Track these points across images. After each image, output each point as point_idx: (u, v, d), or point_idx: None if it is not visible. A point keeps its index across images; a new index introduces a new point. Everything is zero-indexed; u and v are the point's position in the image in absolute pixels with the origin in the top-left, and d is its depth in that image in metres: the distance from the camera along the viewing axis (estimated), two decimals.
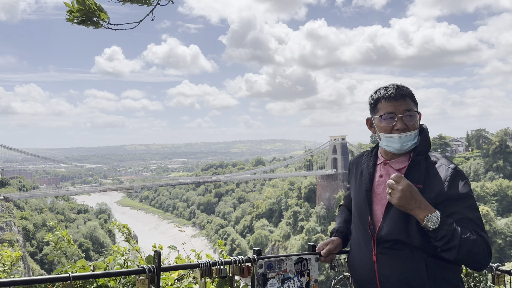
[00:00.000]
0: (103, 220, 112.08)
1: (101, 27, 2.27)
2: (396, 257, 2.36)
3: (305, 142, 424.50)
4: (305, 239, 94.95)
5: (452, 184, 2.31)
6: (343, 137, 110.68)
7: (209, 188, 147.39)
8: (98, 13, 2.21)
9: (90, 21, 2.22)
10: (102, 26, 2.26)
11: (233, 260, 2.56)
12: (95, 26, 2.25)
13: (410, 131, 2.44)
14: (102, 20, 2.24)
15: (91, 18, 2.21)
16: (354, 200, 2.67)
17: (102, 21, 2.24)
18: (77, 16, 2.16)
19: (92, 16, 2.20)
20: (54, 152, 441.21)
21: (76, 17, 2.17)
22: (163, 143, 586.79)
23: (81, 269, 2.74)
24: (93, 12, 2.18)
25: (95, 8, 2.19)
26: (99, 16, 2.21)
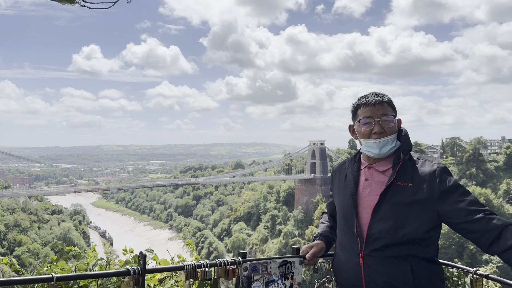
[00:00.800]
0: (77, 222, 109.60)
1: (76, 3, 2.23)
2: (383, 259, 2.41)
3: (284, 146, 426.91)
4: (282, 242, 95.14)
5: (443, 179, 2.43)
6: (322, 142, 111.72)
7: (188, 190, 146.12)
8: None
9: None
10: (77, 3, 2.22)
11: (218, 262, 2.56)
12: (70, 2, 2.21)
13: (387, 136, 2.56)
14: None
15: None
16: (339, 204, 2.71)
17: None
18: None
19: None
20: (29, 151, 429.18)
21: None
22: (141, 144, 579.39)
23: (61, 270, 2.68)
24: None
25: None
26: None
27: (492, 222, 2.27)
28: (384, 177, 2.55)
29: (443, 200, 2.39)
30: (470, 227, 2.32)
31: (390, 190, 2.46)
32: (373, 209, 2.47)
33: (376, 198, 2.49)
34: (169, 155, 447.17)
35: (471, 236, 2.35)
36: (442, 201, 2.39)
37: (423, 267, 2.40)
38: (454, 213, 2.37)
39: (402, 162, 2.52)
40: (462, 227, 2.36)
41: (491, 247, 2.27)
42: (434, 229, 2.46)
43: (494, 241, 2.25)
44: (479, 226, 2.29)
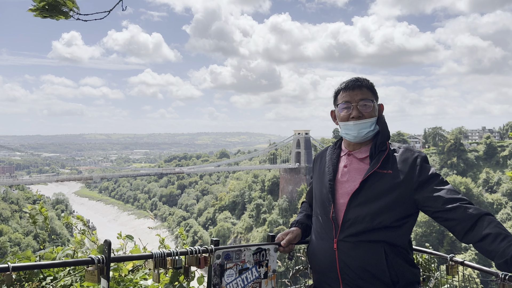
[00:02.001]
0: (60, 211, 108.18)
1: (70, 18, 2.12)
2: (357, 244, 2.39)
3: (269, 136, 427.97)
4: (267, 231, 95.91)
5: (422, 167, 2.42)
6: (307, 132, 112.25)
7: (172, 180, 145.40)
8: (64, 2, 2.07)
9: (57, 11, 2.07)
10: (71, 17, 2.11)
11: (189, 250, 2.47)
12: (64, 17, 2.10)
13: (365, 119, 2.52)
14: (71, 10, 2.10)
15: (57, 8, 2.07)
16: (317, 189, 2.68)
17: (71, 11, 2.10)
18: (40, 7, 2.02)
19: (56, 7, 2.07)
20: (9, 139, 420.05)
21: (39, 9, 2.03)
22: (124, 133, 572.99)
23: (25, 259, 2.57)
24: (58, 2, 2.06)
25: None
26: (66, 5, 2.08)
27: (468, 211, 2.25)
28: (363, 165, 2.53)
29: (421, 188, 2.38)
30: (446, 215, 2.31)
31: (370, 177, 2.43)
32: (351, 195, 2.44)
33: (354, 185, 2.46)
34: (153, 144, 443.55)
35: (447, 224, 2.34)
36: (420, 189, 2.38)
37: (397, 252, 2.38)
38: (431, 201, 2.35)
39: (379, 150, 2.50)
40: (439, 215, 2.34)
41: (465, 236, 2.25)
42: (411, 217, 2.45)
43: (469, 230, 2.24)
44: (455, 215, 2.27)
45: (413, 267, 2.45)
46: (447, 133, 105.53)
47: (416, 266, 2.50)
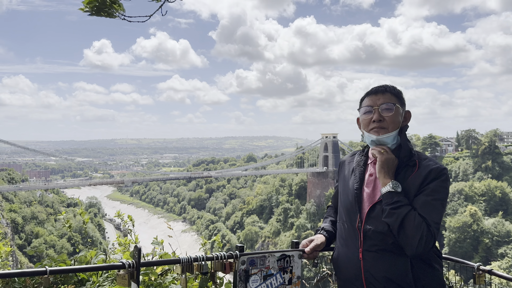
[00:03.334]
0: (93, 214, 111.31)
1: (116, 17, 2.31)
2: (383, 255, 2.39)
3: (296, 139, 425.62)
4: (295, 235, 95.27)
5: (432, 176, 2.38)
6: (335, 135, 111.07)
7: (200, 183, 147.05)
8: (110, 4, 2.25)
9: (104, 12, 2.27)
10: (117, 16, 2.30)
11: (215, 256, 2.55)
12: (110, 16, 2.29)
13: (388, 131, 2.51)
14: (117, 12, 2.29)
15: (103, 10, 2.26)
16: (343, 197, 2.68)
17: (117, 12, 2.29)
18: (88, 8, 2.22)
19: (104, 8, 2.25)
20: (44, 144, 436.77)
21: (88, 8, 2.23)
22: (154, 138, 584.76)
23: (61, 263, 2.71)
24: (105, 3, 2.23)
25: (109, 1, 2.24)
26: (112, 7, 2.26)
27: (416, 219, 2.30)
28: None
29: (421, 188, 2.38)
30: None
31: None
32: (373, 205, 2.44)
33: (379, 194, 2.46)
34: (182, 148, 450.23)
35: None
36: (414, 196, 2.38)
37: (423, 263, 2.37)
38: None
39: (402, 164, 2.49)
40: None
41: None
42: None
43: None
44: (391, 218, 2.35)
45: (439, 278, 2.42)
46: (481, 135, 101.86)
47: (443, 277, 2.47)
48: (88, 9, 2.22)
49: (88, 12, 2.24)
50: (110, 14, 2.25)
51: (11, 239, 72.48)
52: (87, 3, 2.21)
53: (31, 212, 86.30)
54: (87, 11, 2.22)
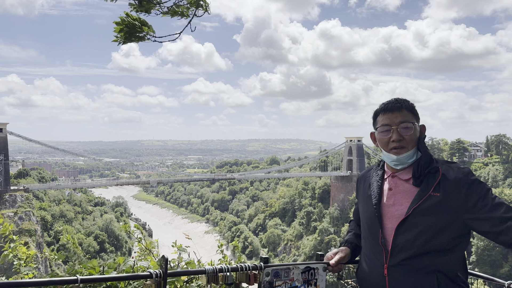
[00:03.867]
0: (119, 213, 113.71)
1: (148, 40, 2.40)
2: (408, 271, 2.36)
3: (320, 143, 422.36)
4: (317, 239, 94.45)
5: (471, 185, 2.33)
6: (359, 139, 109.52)
7: (224, 185, 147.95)
8: (141, 28, 2.34)
9: (135, 37, 2.36)
10: (148, 39, 2.39)
11: (240, 267, 2.57)
12: (141, 40, 2.39)
13: (408, 150, 2.49)
14: (147, 34, 2.37)
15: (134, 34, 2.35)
16: (363, 213, 2.67)
17: (148, 34, 2.37)
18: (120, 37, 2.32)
19: (134, 33, 2.34)
20: (73, 145, 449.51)
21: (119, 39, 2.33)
22: (179, 139, 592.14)
23: (91, 269, 2.79)
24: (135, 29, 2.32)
25: (138, 24, 2.33)
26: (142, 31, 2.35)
27: None
28: (408, 186, 2.49)
29: (472, 208, 2.31)
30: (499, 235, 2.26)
31: (415, 199, 2.39)
32: (400, 221, 2.41)
33: (401, 208, 2.44)
34: (206, 150, 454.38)
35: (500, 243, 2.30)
36: (471, 209, 2.31)
37: (450, 279, 2.33)
38: (483, 222, 2.30)
39: (422, 173, 2.45)
40: (492, 235, 2.30)
41: None
42: (463, 238, 2.40)
43: None
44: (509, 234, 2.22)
45: None
46: (511, 140, 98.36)
47: None
48: (121, 37, 2.29)
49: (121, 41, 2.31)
50: (141, 38, 2.33)
51: (40, 236, 74.88)
52: (119, 31, 2.29)
53: (60, 211, 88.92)
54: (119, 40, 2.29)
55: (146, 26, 2.37)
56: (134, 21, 2.33)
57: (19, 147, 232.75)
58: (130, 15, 2.35)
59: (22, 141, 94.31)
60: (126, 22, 2.32)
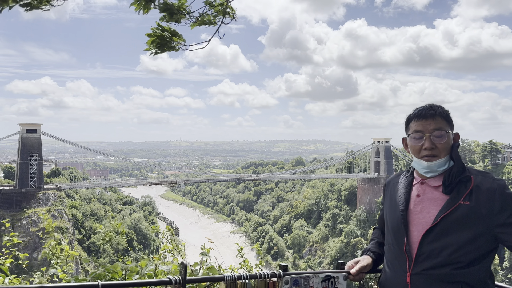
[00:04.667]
0: (147, 212, 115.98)
1: (179, 50, 2.50)
2: (432, 280, 2.31)
3: (346, 144, 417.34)
4: (344, 242, 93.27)
5: (504, 198, 2.27)
6: (387, 140, 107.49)
7: (249, 186, 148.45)
8: (171, 39, 2.43)
9: (167, 47, 2.44)
10: (179, 48, 2.49)
11: (259, 274, 2.57)
12: (173, 49, 2.48)
13: (439, 154, 2.42)
14: (178, 43, 2.46)
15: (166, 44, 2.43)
16: (389, 219, 2.62)
17: (179, 43, 2.46)
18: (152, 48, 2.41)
19: (165, 43, 2.43)
20: (104, 145, 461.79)
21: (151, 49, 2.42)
22: (205, 140, 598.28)
23: (114, 273, 2.86)
24: (165, 40, 2.41)
25: (168, 35, 2.42)
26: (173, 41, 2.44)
27: None
28: (437, 194, 2.42)
29: (502, 221, 2.24)
30: None
31: (444, 208, 2.33)
32: (426, 230, 2.36)
33: (428, 216, 2.38)
34: (232, 151, 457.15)
35: None
36: (502, 223, 2.24)
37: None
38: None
39: (453, 181, 2.38)
40: None
41: None
42: (490, 252, 2.33)
43: None
44: None
45: None
46: None
47: None
48: (153, 48, 2.37)
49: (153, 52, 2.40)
50: (173, 47, 2.41)
51: (72, 233, 77.32)
52: (150, 43, 2.38)
53: (90, 209, 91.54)
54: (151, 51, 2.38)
55: (176, 36, 2.46)
56: (165, 32, 2.40)
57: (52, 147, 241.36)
58: (161, 25, 2.43)
59: (55, 141, 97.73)
60: (157, 33, 2.40)
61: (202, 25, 2.56)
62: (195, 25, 2.55)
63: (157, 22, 2.44)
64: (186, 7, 2.49)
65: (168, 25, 2.44)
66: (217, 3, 2.57)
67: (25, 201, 76.69)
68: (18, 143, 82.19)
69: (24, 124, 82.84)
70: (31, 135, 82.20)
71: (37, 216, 71.84)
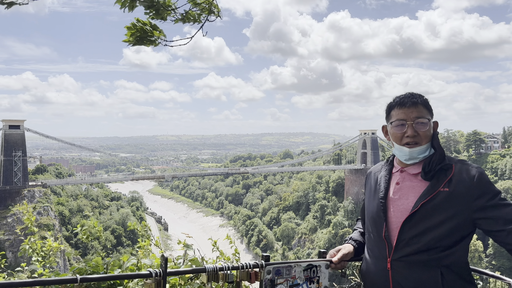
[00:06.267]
0: (135, 208, 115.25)
1: (158, 44, 2.47)
2: (412, 265, 2.35)
3: (333, 136, 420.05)
4: (332, 233, 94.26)
5: (482, 184, 2.32)
6: (374, 132, 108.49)
7: (237, 179, 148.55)
8: (152, 33, 2.40)
9: (146, 40, 2.43)
10: (159, 43, 2.46)
11: (241, 265, 2.57)
12: (152, 44, 2.45)
13: (421, 141, 2.45)
14: (158, 38, 2.43)
15: (146, 38, 2.42)
16: (369, 207, 2.65)
17: (159, 38, 2.43)
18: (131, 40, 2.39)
19: (145, 37, 2.40)
20: (89, 141, 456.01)
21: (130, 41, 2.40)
22: (193, 134, 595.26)
23: (95, 267, 2.83)
24: (146, 33, 2.39)
25: (149, 29, 2.40)
26: (153, 35, 2.41)
27: None
28: (416, 181, 2.47)
29: (480, 207, 2.29)
30: (506, 236, 2.24)
31: (424, 194, 2.37)
32: (407, 216, 2.39)
33: (407, 203, 2.42)
34: (220, 145, 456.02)
35: (506, 245, 2.27)
36: (479, 208, 2.29)
37: (454, 274, 2.32)
38: (491, 221, 2.28)
39: (432, 168, 2.42)
40: (498, 235, 2.28)
41: None
42: (468, 236, 2.38)
43: None
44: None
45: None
46: None
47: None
48: (132, 40, 2.36)
49: (131, 43, 2.38)
50: (153, 42, 2.39)
51: (59, 230, 76.45)
52: (130, 35, 2.36)
53: (77, 205, 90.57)
54: (130, 42, 2.36)
55: (157, 31, 2.43)
56: (145, 26, 2.38)
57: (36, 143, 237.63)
58: (140, 20, 2.40)
59: (39, 138, 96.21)
60: (137, 27, 2.37)
61: (186, 23, 2.55)
62: (178, 21, 2.53)
63: (136, 17, 2.43)
64: (171, 4, 2.48)
65: (148, 20, 2.42)
66: (202, 0, 2.57)
67: (10, 199, 75.49)
68: (1, 139, 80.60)
69: (7, 121, 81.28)
70: (15, 132, 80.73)
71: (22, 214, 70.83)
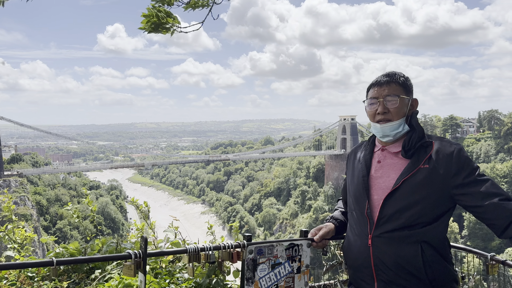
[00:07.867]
0: (114, 196, 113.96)
1: (174, 32, 2.48)
2: (392, 241, 2.37)
3: (314, 122, 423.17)
4: (312, 217, 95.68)
5: (460, 160, 2.35)
6: (353, 117, 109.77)
7: (219, 166, 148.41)
8: (166, 20, 2.40)
9: (162, 28, 2.43)
10: (175, 31, 2.47)
11: (222, 245, 2.56)
12: (168, 31, 2.46)
13: (392, 118, 2.48)
14: (173, 25, 2.43)
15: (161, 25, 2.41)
16: (351, 185, 2.67)
17: (173, 25, 2.44)
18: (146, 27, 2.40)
19: (161, 24, 2.40)
20: (66, 129, 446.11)
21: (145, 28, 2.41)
22: (172, 122, 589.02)
23: (73, 250, 2.77)
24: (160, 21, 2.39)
25: (164, 16, 2.39)
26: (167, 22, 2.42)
27: (507, 208, 2.23)
28: (397, 159, 2.49)
29: (459, 182, 2.33)
30: (484, 211, 2.29)
31: (405, 172, 2.39)
32: (388, 193, 2.41)
33: (388, 180, 2.44)
34: (200, 132, 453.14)
35: (484, 220, 2.32)
36: (458, 183, 2.33)
37: (434, 250, 2.35)
38: (470, 196, 2.32)
39: (411, 146, 2.45)
40: (476, 210, 2.32)
41: (504, 232, 2.26)
42: (447, 212, 2.42)
43: (508, 227, 2.23)
44: (494, 211, 2.25)
45: (450, 265, 2.41)
46: (504, 116, 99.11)
47: (453, 264, 2.45)
48: (147, 28, 2.38)
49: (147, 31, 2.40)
50: (168, 29, 2.37)
51: (36, 220, 75.04)
52: (146, 22, 2.36)
53: (55, 195, 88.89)
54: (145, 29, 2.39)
55: (171, 18, 2.43)
56: (160, 13, 2.36)
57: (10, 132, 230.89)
58: (156, 7, 2.40)
59: (14, 126, 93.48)
60: (154, 13, 2.36)
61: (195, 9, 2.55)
62: (188, 8, 2.52)
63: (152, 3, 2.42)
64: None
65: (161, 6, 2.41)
66: None
67: None
68: None
69: None
70: None
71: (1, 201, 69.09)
